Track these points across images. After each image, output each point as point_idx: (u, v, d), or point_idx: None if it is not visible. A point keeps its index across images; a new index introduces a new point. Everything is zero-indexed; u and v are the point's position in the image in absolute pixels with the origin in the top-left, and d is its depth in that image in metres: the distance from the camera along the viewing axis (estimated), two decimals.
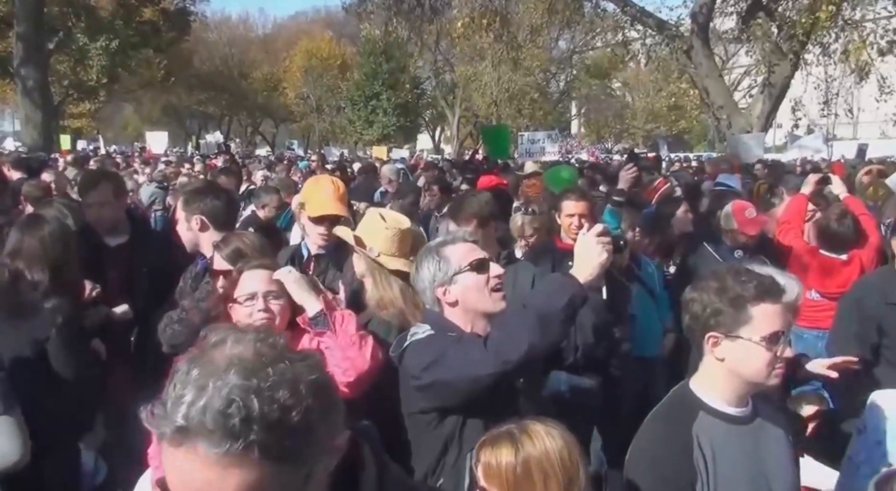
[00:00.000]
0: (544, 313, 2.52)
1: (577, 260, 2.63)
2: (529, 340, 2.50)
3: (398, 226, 3.45)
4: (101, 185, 4.70)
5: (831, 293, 5.57)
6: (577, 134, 54.03)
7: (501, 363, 2.52)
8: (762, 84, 22.18)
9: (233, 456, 1.09)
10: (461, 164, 18.61)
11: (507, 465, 2.10)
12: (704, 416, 2.36)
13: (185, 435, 1.10)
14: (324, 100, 53.64)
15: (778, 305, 2.30)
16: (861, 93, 27.71)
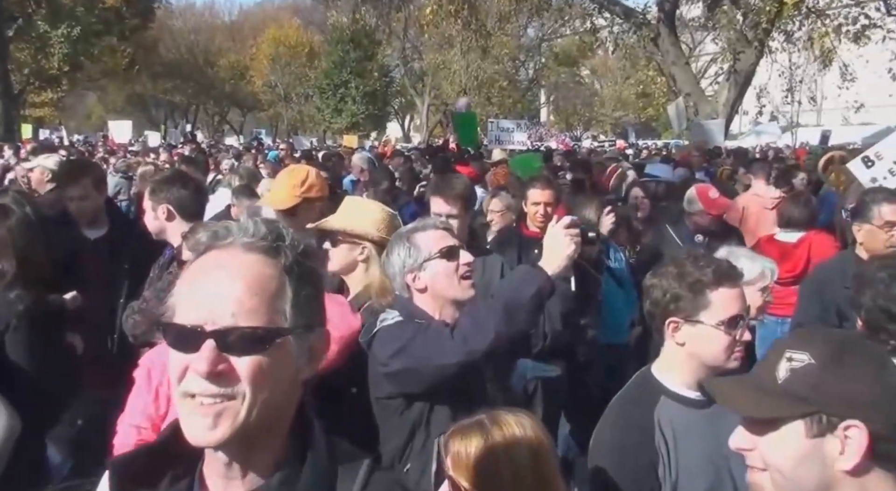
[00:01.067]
0: (511, 304, 2.55)
1: (545, 252, 2.66)
2: (496, 329, 2.52)
3: (385, 209, 3.48)
4: (82, 178, 4.62)
5: (782, 278, 5.69)
6: (547, 122, 54.19)
7: (467, 352, 2.54)
8: (728, 71, 22.42)
9: (262, 249, 1.27)
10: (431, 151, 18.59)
11: (477, 455, 2.11)
12: (666, 400, 2.39)
13: (226, 235, 1.28)
14: (292, 88, 53.16)
15: (736, 289, 2.35)
16: (824, 80, 28.11)
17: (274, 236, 1.29)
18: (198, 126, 59.63)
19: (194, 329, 1.21)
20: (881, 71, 23.02)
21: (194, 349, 1.21)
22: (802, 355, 1.46)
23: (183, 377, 1.23)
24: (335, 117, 47.97)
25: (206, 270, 1.25)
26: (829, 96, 28.96)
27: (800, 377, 1.45)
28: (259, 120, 61.89)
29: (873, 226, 4.07)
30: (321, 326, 1.34)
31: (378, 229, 3.32)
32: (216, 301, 1.22)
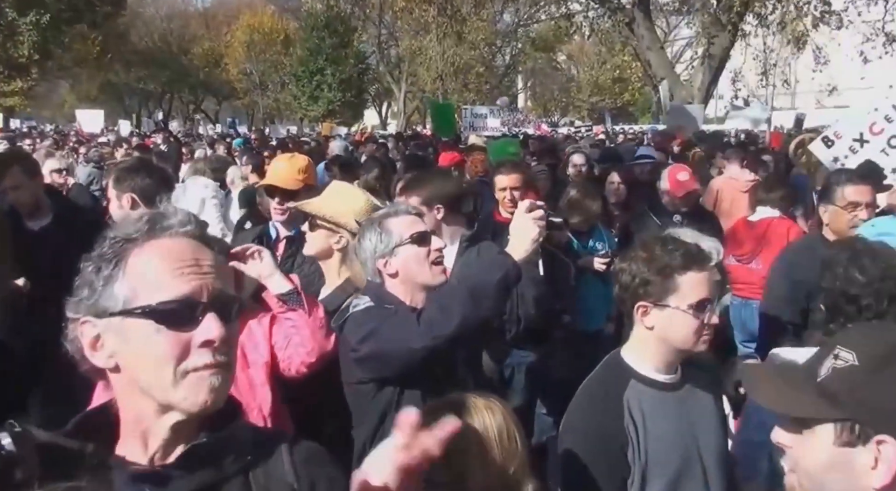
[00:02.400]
0: (477, 289, 2.55)
1: (511, 237, 2.67)
2: (462, 314, 2.53)
3: (369, 199, 3.44)
4: (9, 167, 4.51)
5: (738, 254, 5.81)
6: (524, 108, 54.18)
7: (434, 337, 2.55)
8: (702, 55, 22.50)
9: (200, 238, 1.37)
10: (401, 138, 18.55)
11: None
12: (635, 383, 2.40)
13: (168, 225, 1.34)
14: (267, 75, 52.68)
15: (704, 272, 2.35)
16: (798, 63, 28.32)
17: (202, 227, 1.40)
18: (172, 115, 59.04)
19: (192, 301, 1.28)
20: (853, 54, 23.22)
21: (193, 323, 1.28)
22: (849, 355, 1.35)
23: (185, 355, 1.27)
24: (311, 105, 47.61)
25: (171, 251, 1.32)
26: (803, 79, 29.20)
27: (840, 378, 1.34)
28: (235, 108, 61.29)
29: (837, 207, 4.10)
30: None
31: (359, 219, 3.27)
32: (204, 273, 1.31)
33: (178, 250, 1.32)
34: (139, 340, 1.28)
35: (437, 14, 25.43)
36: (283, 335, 2.87)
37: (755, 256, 5.80)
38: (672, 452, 2.34)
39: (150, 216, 1.36)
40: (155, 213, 1.37)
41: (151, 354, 1.28)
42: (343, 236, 3.31)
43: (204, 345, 1.28)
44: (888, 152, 5.81)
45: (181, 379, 1.28)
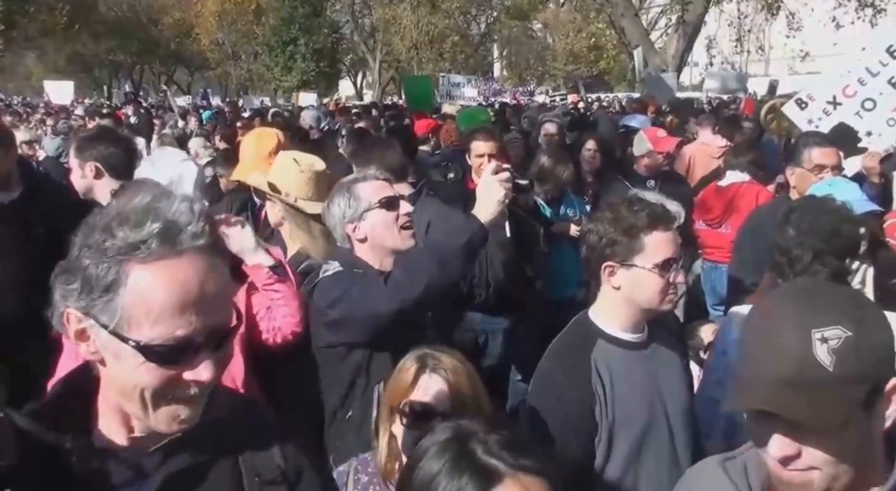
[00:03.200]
0: (443, 252, 2.59)
1: (478, 199, 2.69)
2: (428, 277, 2.56)
3: (313, 168, 3.40)
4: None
5: (707, 219, 5.90)
6: (500, 77, 53.89)
7: (401, 300, 2.58)
8: (677, 23, 22.47)
9: (209, 250, 1.26)
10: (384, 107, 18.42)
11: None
12: (602, 343, 2.44)
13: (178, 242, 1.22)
14: (239, 46, 51.87)
15: (669, 232, 2.38)
16: (771, 30, 28.36)
17: (210, 229, 1.28)
18: (143, 86, 58.08)
19: (187, 342, 1.22)
20: (826, 19, 23.30)
21: (185, 362, 1.23)
22: (835, 331, 1.30)
23: (168, 388, 1.24)
24: (285, 75, 47.04)
25: (178, 281, 1.22)
26: (776, 46, 29.28)
27: (847, 356, 1.29)
28: (207, 79, 60.38)
29: (804, 169, 4.15)
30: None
31: (297, 190, 3.28)
32: (203, 310, 1.22)
33: (185, 279, 1.21)
34: (126, 363, 1.23)
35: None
36: (265, 306, 2.88)
37: (724, 220, 5.86)
38: (638, 410, 2.39)
39: (163, 227, 1.21)
40: (167, 222, 1.22)
41: (135, 380, 1.24)
42: (279, 207, 3.33)
43: (193, 382, 1.25)
44: (862, 115, 5.84)
45: (159, 406, 1.25)
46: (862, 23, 22.67)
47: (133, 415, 1.29)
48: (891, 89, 5.72)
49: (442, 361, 2.16)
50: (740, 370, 1.40)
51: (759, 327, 1.39)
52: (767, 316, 1.39)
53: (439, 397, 2.09)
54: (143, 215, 1.22)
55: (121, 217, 1.22)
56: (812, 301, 1.37)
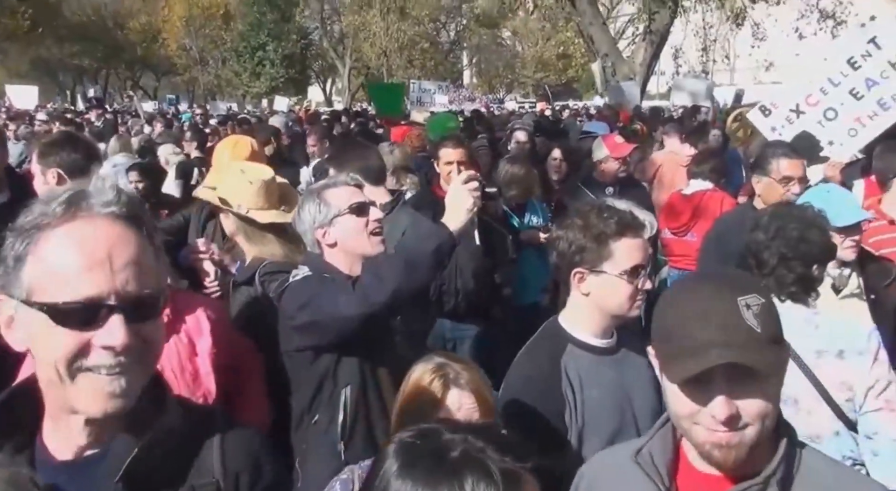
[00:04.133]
0: (412, 258, 2.59)
1: (447, 207, 2.70)
2: (396, 282, 2.56)
3: (261, 177, 3.39)
4: None
5: (673, 227, 6.00)
6: (469, 84, 54.08)
7: (369, 305, 2.58)
8: (644, 32, 22.72)
9: (125, 218, 1.25)
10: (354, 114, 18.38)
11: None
12: (572, 348, 2.45)
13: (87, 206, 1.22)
14: (207, 51, 51.50)
15: (638, 239, 2.40)
16: (737, 40, 28.80)
17: (133, 204, 1.28)
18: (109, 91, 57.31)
19: (96, 303, 1.18)
20: (789, 30, 23.72)
21: (96, 324, 1.19)
22: (753, 298, 1.46)
23: (82, 354, 1.20)
24: (253, 81, 46.80)
25: (83, 241, 1.21)
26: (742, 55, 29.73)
27: (767, 319, 1.45)
28: (174, 85, 59.83)
29: (772, 179, 4.20)
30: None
31: (248, 201, 3.28)
32: (114, 271, 1.20)
33: (92, 241, 1.20)
34: (40, 333, 1.20)
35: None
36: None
37: (690, 228, 5.92)
38: (607, 415, 2.40)
39: (70, 195, 1.24)
40: (77, 191, 1.25)
41: (49, 349, 1.20)
42: (232, 219, 3.34)
43: (105, 348, 1.20)
44: (824, 124, 5.92)
45: (77, 376, 1.21)
46: (824, 33, 23.12)
47: (62, 403, 1.24)
48: (852, 100, 5.81)
49: (461, 372, 2.19)
50: (671, 345, 1.49)
51: (685, 302, 1.52)
52: (691, 292, 1.54)
53: (470, 412, 2.12)
54: (59, 194, 1.25)
55: (37, 201, 1.26)
56: (724, 276, 1.61)
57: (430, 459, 1.22)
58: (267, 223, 3.30)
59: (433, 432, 1.27)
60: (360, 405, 2.76)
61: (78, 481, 1.25)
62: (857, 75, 5.75)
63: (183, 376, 2.56)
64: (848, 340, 2.59)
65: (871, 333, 2.63)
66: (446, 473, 1.19)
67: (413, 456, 1.24)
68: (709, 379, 1.42)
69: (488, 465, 1.19)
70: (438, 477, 1.19)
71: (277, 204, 3.40)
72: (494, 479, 1.18)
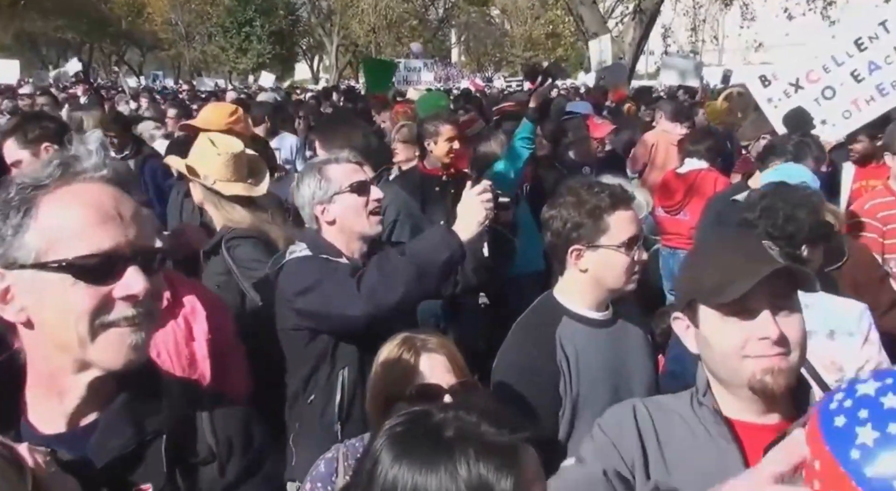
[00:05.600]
0: (424, 265, 2.57)
1: (459, 217, 2.68)
2: (405, 288, 2.55)
3: (230, 150, 3.40)
4: None
5: (667, 205, 6.02)
6: (458, 62, 53.79)
7: (375, 306, 2.57)
8: (633, 11, 22.63)
9: (115, 182, 1.28)
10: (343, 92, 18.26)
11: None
12: (568, 320, 2.47)
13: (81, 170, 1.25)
14: (193, 27, 50.86)
15: (630, 211, 2.43)
16: (726, 20, 28.78)
17: (118, 170, 1.31)
18: (93, 66, 56.63)
19: (114, 255, 1.21)
20: (778, 10, 23.70)
21: (114, 276, 1.21)
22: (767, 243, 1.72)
23: (104, 309, 1.21)
24: (240, 57, 46.33)
25: (90, 199, 1.23)
26: (731, 36, 29.73)
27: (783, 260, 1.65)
28: (160, 60, 59.15)
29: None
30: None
31: (215, 172, 3.30)
32: (126, 225, 1.23)
33: (97, 198, 1.23)
34: (54, 294, 1.20)
35: None
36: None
37: (683, 206, 5.94)
38: (602, 386, 2.42)
39: (63, 159, 1.25)
40: (67, 156, 1.27)
41: (68, 309, 1.20)
42: (198, 187, 3.36)
43: (126, 299, 1.22)
44: (821, 102, 5.89)
45: (100, 334, 1.22)
46: (813, 14, 23.12)
47: (79, 357, 1.24)
48: (852, 82, 5.78)
49: (428, 339, 2.16)
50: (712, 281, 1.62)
51: (714, 251, 1.73)
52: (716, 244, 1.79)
53: (444, 374, 2.09)
54: (45, 162, 1.27)
55: (23, 172, 1.34)
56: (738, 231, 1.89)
57: (425, 443, 1.20)
58: (233, 195, 3.31)
59: (423, 415, 1.26)
60: (357, 387, 2.72)
61: (73, 453, 1.24)
62: (862, 57, 5.71)
63: (179, 360, 2.56)
64: (839, 320, 2.61)
65: (861, 314, 2.65)
66: (443, 454, 1.17)
67: (406, 443, 1.22)
68: (753, 307, 1.57)
69: (486, 439, 1.18)
70: (436, 459, 1.17)
71: (245, 177, 3.42)
72: (493, 453, 1.16)
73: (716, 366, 1.66)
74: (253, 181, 3.45)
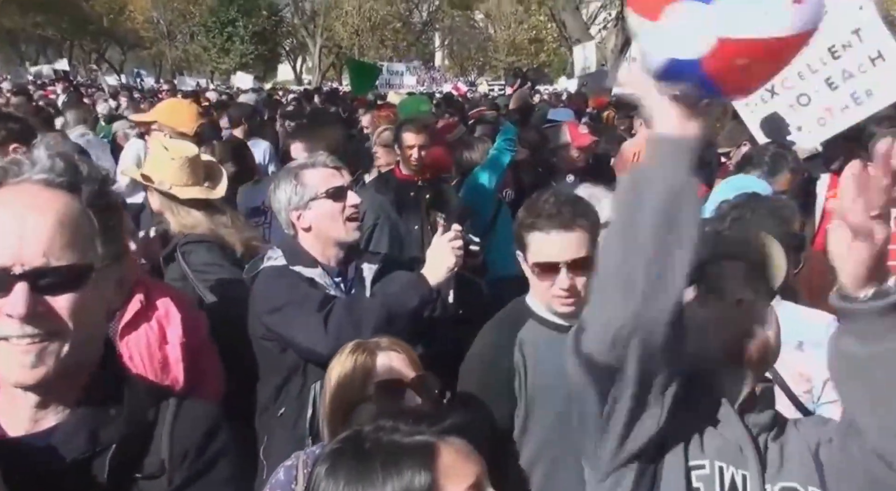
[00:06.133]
0: (393, 309, 2.57)
1: (428, 262, 2.68)
2: (373, 331, 2.48)
3: (184, 154, 3.39)
4: None
5: None
6: (441, 66, 53.86)
7: (340, 347, 2.52)
8: (616, 17, 22.78)
9: (61, 185, 1.24)
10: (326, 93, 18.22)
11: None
12: (532, 323, 2.49)
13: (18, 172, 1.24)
14: (175, 25, 50.58)
15: (550, 233, 2.36)
16: None
17: (71, 171, 1.27)
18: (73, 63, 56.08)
19: (4, 271, 1.17)
20: None
21: (4, 292, 1.17)
22: None
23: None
24: (222, 57, 46.12)
25: (4, 208, 1.20)
26: None
27: None
28: (141, 59, 58.66)
29: None
30: (126, 255, 1.40)
31: (171, 178, 3.29)
32: (24, 240, 1.18)
33: (9, 209, 1.19)
34: None
35: None
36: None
37: None
38: (556, 392, 2.36)
39: (6, 164, 1.25)
40: (11, 160, 1.26)
41: None
42: (155, 194, 3.35)
43: (12, 317, 1.18)
44: (796, 108, 5.88)
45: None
46: None
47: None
48: (826, 89, 5.79)
49: (380, 341, 2.15)
50: None
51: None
52: None
53: (403, 368, 2.08)
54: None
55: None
56: None
57: (350, 458, 1.31)
58: (191, 198, 3.30)
59: (353, 432, 1.36)
60: None
61: (31, 457, 1.24)
62: (836, 65, 5.71)
63: (151, 364, 2.54)
64: (807, 331, 2.60)
65: (829, 325, 2.65)
66: (364, 466, 1.28)
67: (335, 460, 1.32)
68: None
69: (400, 443, 1.29)
70: (358, 473, 1.28)
71: (201, 180, 3.42)
72: (406, 455, 1.27)
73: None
74: (210, 184, 3.46)
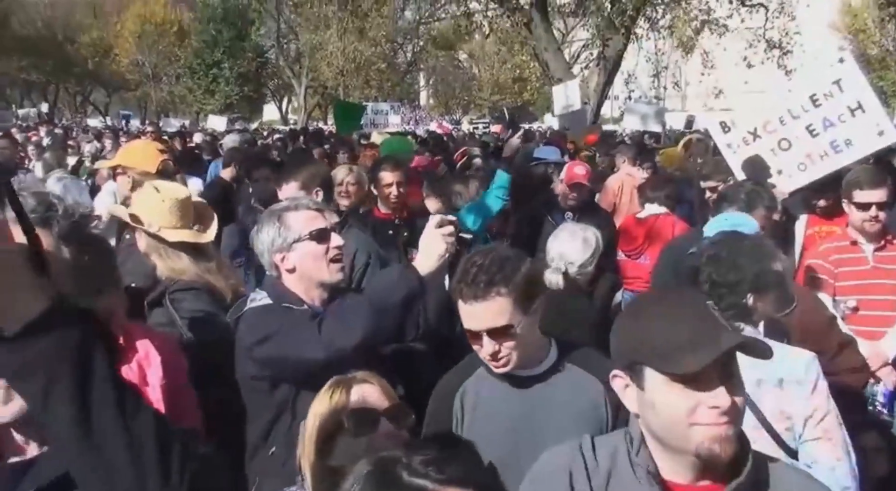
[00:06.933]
0: (381, 304, 2.54)
1: (420, 251, 2.66)
2: (364, 329, 2.52)
3: (175, 196, 3.34)
4: None
5: (627, 250, 6.12)
6: (426, 105, 54.35)
7: (335, 350, 2.54)
8: (598, 57, 23.08)
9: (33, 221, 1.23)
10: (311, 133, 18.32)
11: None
12: (482, 372, 2.45)
13: None
14: (160, 68, 50.88)
15: (468, 303, 2.29)
16: (688, 67, 29.50)
17: (43, 208, 1.27)
18: (59, 106, 56.23)
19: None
20: (738, 59, 24.35)
21: None
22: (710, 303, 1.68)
23: None
24: (208, 99, 46.36)
25: None
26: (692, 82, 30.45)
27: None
28: (126, 100, 58.89)
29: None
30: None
31: (160, 219, 3.23)
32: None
33: None
34: None
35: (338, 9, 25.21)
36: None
37: (643, 251, 6.00)
38: (497, 442, 2.28)
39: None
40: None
41: None
42: (143, 236, 3.28)
43: None
44: (777, 153, 5.98)
45: None
46: (771, 63, 23.77)
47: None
48: (807, 136, 5.89)
49: (355, 375, 2.11)
50: (658, 347, 1.56)
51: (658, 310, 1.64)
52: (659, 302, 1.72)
53: (377, 399, 2.05)
54: None
55: None
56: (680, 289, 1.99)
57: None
58: (179, 242, 3.23)
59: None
60: None
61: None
62: (817, 113, 5.82)
63: None
64: (787, 369, 2.57)
65: (809, 363, 2.63)
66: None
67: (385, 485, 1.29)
68: (704, 376, 1.52)
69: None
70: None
71: (191, 223, 3.35)
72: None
73: (660, 429, 1.61)
74: (200, 228, 3.39)
